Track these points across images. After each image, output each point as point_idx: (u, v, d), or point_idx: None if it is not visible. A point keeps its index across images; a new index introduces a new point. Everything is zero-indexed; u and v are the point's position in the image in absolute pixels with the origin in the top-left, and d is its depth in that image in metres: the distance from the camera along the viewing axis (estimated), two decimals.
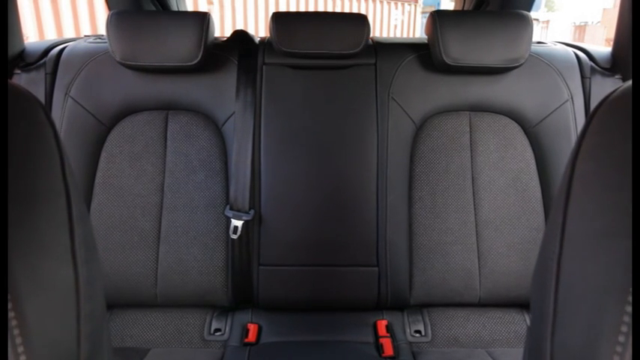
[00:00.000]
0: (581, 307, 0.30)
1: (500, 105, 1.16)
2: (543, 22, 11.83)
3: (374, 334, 1.13)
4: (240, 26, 5.91)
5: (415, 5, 8.88)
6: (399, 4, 8.44)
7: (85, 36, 1.32)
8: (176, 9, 1.50)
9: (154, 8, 1.42)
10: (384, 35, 7.58)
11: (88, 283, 0.34)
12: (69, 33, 4.64)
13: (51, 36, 4.51)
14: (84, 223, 0.36)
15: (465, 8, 1.55)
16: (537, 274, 0.37)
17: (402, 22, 8.64)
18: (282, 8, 6.52)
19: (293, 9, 6.62)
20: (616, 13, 1.21)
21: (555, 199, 0.36)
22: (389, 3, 8.17)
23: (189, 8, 1.61)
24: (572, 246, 0.31)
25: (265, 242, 1.14)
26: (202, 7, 5.64)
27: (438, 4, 10.80)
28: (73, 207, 0.34)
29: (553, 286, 0.32)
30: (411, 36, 8.78)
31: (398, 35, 8.47)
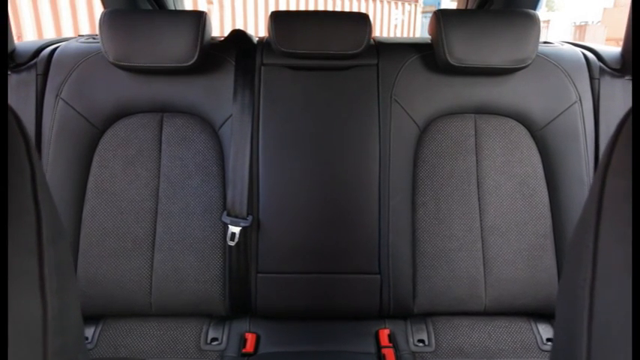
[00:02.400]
0: (621, 343, 0.26)
1: (507, 107, 1.13)
2: (544, 21, 11.79)
3: (376, 343, 1.10)
4: (240, 26, 5.87)
5: (415, 5, 8.84)
6: (399, 3, 8.40)
7: (79, 35, 1.29)
8: (173, 8, 1.47)
9: (150, 7, 1.38)
10: (384, 35, 7.55)
11: (58, 316, 0.30)
12: (68, 33, 4.61)
13: (50, 36, 4.47)
14: (58, 247, 0.32)
15: (468, 7, 1.51)
16: (564, 303, 0.33)
17: (403, 21, 8.61)
18: (282, 8, 6.48)
19: (293, 8, 6.58)
20: (616, 12, 1.18)
21: (582, 218, 0.33)
22: (389, 3, 8.13)
23: (188, 8, 1.58)
24: (607, 273, 0.28)
25: (264, 249, 1.11)
26: (202, 7, 5.60)
27: (439, 4, 10.77)
28: (44, 228, 0.30)
29: (585, 319, 0.28)
30: (411, 36, 8.75)
31: (398, 35, 8.44)
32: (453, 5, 1.68)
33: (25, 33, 4.35)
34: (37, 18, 4.45)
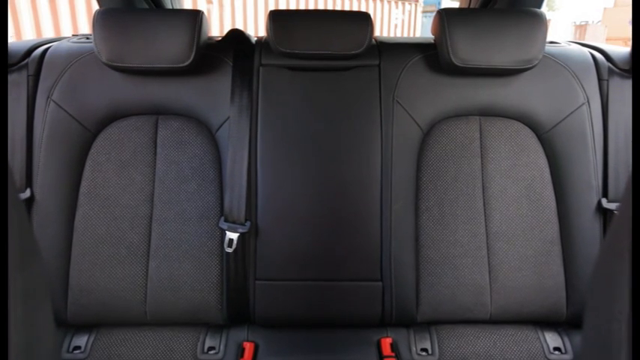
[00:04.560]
0: None
1: (512, 109, 1.10)
2: None
3: (378, 353, 1.07)
4: (240, 26, 5.83)
5: (416, 4, 8.81)
6: (400, 3, 8.37)
7: (73, 35, 1.25)
8: (170, 7, 1.43)
9: (146, 6, 1.34)
10: (384, 35, 7.52)
11: (24, 353, 0.26)
12: (67, 33, 4.57)
13: (49, 36, 4.43)
14: (27, 273, 0.28)
15: (471, 6, 1.48)
16: (594, 337, 0.29)
17: (403, 21, 8.57)
18: (282, 7, 6.44)
19: (293, 8, 6.54)
20: (617, 12, 1.15)
21: (612, 240, 0.29)
22: (389, 2, 8.10)
23: (187, 8, 1.54)
24: None
25: (262, 255, 1.07)
26: (201, 7, 5.57)
27: (439, 4, 10.74)
28: (11, 252, 0.27)
29: (624, 357, 0.24)
30: (411, 35, 8.71)
31: (399, 35, 8.40)
32: (454, 5, 1.64)
33: (24, 32, 4.32)
34: (35, 18, 4.41)
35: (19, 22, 4.28)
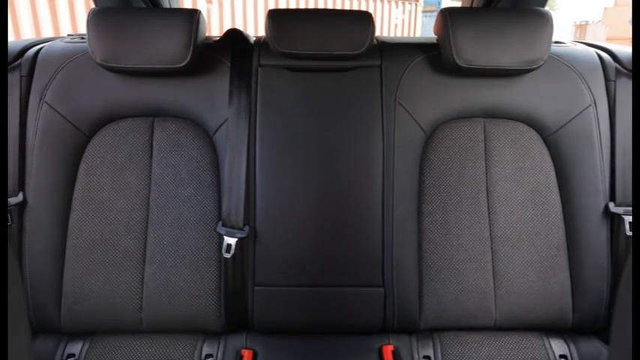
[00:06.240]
0: None
1: (517, 110, 1.07)
2: None
3: None
4: (239, 26, 5.81)
5: (416, 4, 8.79)
6: (400, 3, 8.35)
7: (68, 35, 1.23)
8: (168, 6, 1.40)
9: (143, 5, 1.32)
10: (385, 35, 7.48)
11: None
12: (66, 33, 4.54)
13: (48, 36, 4.40)
14: (6, 294, 0.26)
15: (474, 6, 1.45)
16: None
17: (403, 21, 8.55)
18: (282, 7, 6.42)
19: (293, 7, 6.51)
20: (617, 12, 1.12)
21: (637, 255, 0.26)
22: (389, 2, 8.08)
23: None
24: None
25: (261, 261, 1.05)
26: (201, 7, 5.54)
27: (439, 3, 10.72)
28: None
29: None
30: (411, 35, 8.69)
31: (399, 34, 8.38)
32: (454, 5, 1.61)
33: (23, 33, 4.29)
34: (35, 18, 4.39)
35: (18, 22, 4.25)
